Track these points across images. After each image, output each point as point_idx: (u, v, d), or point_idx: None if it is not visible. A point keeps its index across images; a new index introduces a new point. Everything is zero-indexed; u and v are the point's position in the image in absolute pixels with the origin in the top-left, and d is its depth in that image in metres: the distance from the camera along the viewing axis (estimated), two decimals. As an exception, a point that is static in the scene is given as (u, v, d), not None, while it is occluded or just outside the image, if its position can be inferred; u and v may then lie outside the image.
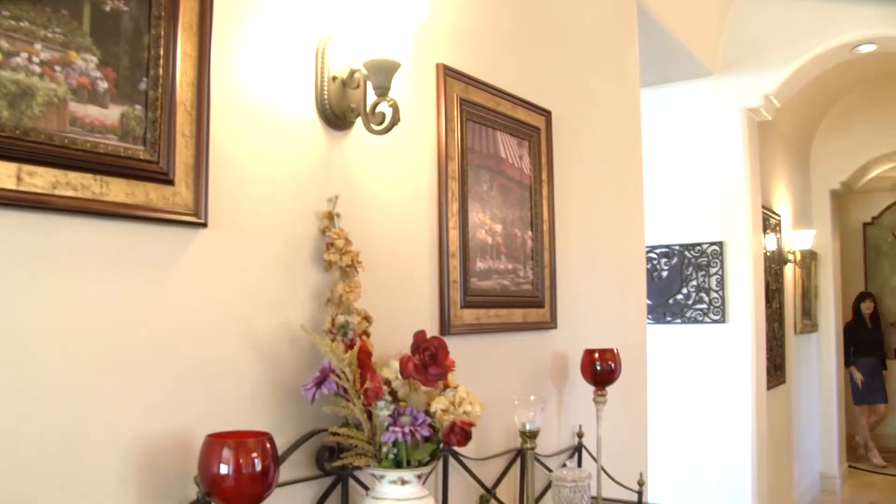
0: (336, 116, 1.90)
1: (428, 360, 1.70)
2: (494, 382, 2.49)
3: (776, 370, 6.16)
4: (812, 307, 7.61)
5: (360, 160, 2.00)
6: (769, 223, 6.07)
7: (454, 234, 2.25)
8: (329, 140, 1.92)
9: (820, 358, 7.78)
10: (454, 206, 2.25)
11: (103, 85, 1.40)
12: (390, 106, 1.83)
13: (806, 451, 7.30)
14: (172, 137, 1.49)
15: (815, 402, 7.64)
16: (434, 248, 2.23)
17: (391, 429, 1.68)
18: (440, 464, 2.22)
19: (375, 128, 1.87)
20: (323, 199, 1.87)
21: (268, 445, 1.38)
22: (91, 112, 1.38)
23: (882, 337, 8.99)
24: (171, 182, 1.50)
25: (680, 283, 5.03)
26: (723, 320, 4.89)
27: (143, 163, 1.45)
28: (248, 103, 1.72)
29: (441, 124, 2.26)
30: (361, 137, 1.99)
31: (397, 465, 1.73)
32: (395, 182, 2.12)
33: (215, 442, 1.35)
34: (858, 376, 8.70)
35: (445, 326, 2.22)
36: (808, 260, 7.35)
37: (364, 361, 1.74)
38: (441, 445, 1.78)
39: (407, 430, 1.68)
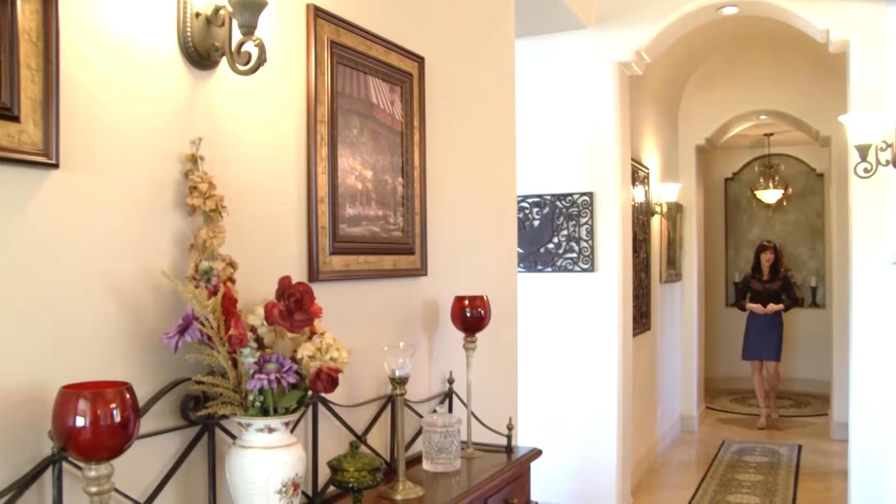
0: (199, 55, 1.83)
1: (293, 306, 1.68)
2: (365, 329, 2.49)
3: (642, 317, 6.43)
4: (676, 257, 7.95)
5: (225, 101, 1.94)
6: (638, 175, 6.27)
7: (323, 180, 2.22)
8: (192, 79, 1.84)
9: (683, 306, 8.16)
10: (323, 151, 2.22)
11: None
12: (256, 45, 1.77)
13: (668, 394, 7.68)
14: (15, 70, 1.40)
15: (677, 347, 8.03)
16: (302, 194, 2.20)
17: (257, 376, 1.66)
18: (309, 411, 2.22)
19: (241, 68, 1.80)
20: (186, 141, 1.80)
21: (127, 396, 1.34)
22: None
23: (783, 290, 8.34)
24: (16, 119, 1.40)
25: (551, 232, 5.14)
26: (592, 269, 5.04)
27: (-19, 97, 1.36)
28: (105, 36, 1.63)
29: (310, 67, 2.21)
30: (227, 78, 1.92)
31: (264, 412, 1.71)
32: (262, 125, 2.06)
33: (70, 393, 1.30)
34: (758, 306, 8.29)
35: (314, 273, 2.20)
36: (674, 212, 7.65)
37: (228, 308, 1.70)
38: (308, 392, 1.78)
39: (273, 377, 1.66)
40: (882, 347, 4.37)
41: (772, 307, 8.21)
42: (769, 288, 8.34)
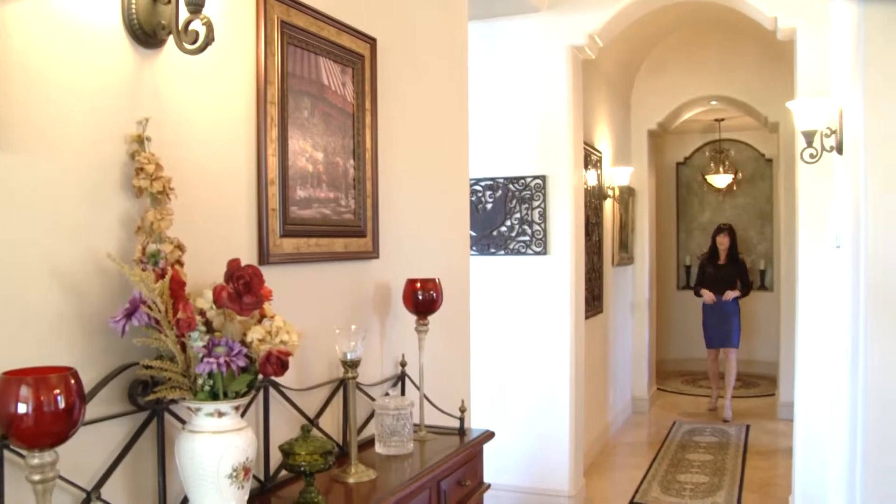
0: (145, 33, 1.79)
1: (242, 288, 1.67)
2: (316, 312, 2.48)
3: (594, 300, 6.49)
4: (629, 241, 8.03)
5: (172, 81, 1.90)
6: (590, 159, 6.31)
7: (273, 162, 2.19)
8: (138, 58, 1.81)
9: (635, 289, 8.26)
10: (273, 133, 2.19)
11: None
12: (204, 24, 1.73)
13: (620, 376, 7.78)
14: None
15: (629, 330, 8.13)
16: (252, 176, 2.17)
17: (206, 360, 1.65)
18: (260, 395, 2.20)
19: (188, 47, 1.77)
20: (132, 121, 1.77)
21: (72, 381, 1.32)
22: None
23: (740, 274, 8.00)
24: (-51, 95, 1.37)
25: (504, 215, 5.16)
26: (544, 252, 5.07)
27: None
28: (45, 9, 1.58)
29: (260, 47, 2.18)
30: (174, 57, 1.89)
31: (214, 397, 1.70)
32: (210, 106, 2.03)
33: (11, 379, 1.28)
34: (709, 296, 7.93)
35: (264, 256, 2.18)
36: (626, 196, 7.73)
37: (176, 291, 1.68)
38: (258, 376, 1.77)
39: (222, 360, 1.65)
40: (826, 329, 4.47)
41: (729, 294, 7.87)
42: (724, 273, 7.97)
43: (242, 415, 1.87)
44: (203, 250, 1.95)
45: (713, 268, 8.08)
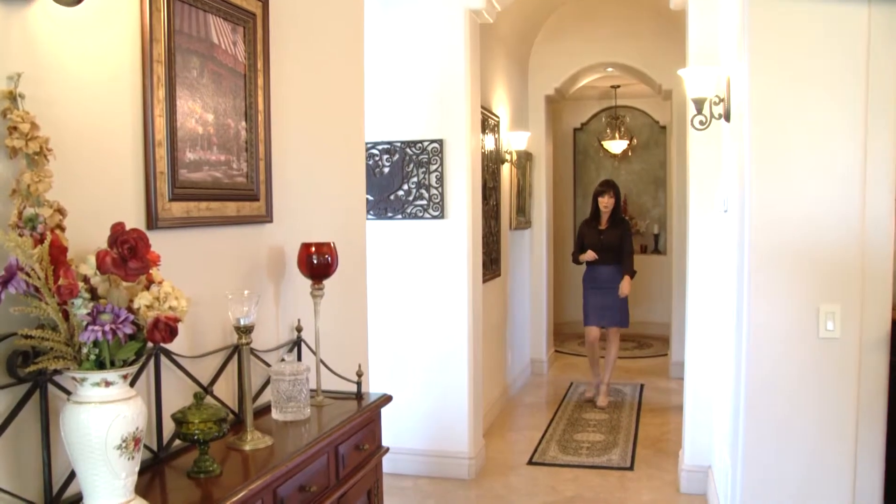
0: (15, -17, 1.70)
1: (127, 253, 1.62)
2: (208, 278, 2.44)
3: (492, 264, 6.57)
4: (526, 205, 8.15)
5: (48, 35, 1.81)
6: (488, 123, 6.35)
7: (160, 123, 2.12)
8: (5, 9, 1.70)
9: (532, 253, 8.39)
10: (160, 93, 2.12)
11: None
12: (81, -25, 1.66)
13: (518, 339, 7.93)
14: None
15: (527, 293, 8.27)
16: (138, 137, 2.10)
17: (90, 328, 1.60)
18: (151, 363, 2.15)
19: (63, -1, 1.69)
20: (2, 77, 1.68)
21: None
22: None
23: (622, 240, 6.91)
24: None
25: (401, 179, 5.15)
26: (442, 216, 5.09)
27: None
28: None
29: (145, 2, 2.10)
30: (48, 10, 1.79)
31: (100, 366, 1.65)
32: (91, 63, 1.95)
33: None
34: (590, 255, 6.93)
35: (153, 220, 2.12)
36: (524, 160, 7.82)
37: (57, 257, 1.62)
38: (147, 343, 1.72)
39: (108, 328, 1.60)
40: (714, 291, 4.66)
41: (625, 288, 6.85)
42: (605, 239, 6.96)
43: (132, 384, 1.83)
44: (86, 214, 1.88)
45: (594, 232, 7.03)
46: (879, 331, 3.16)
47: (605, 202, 6.97)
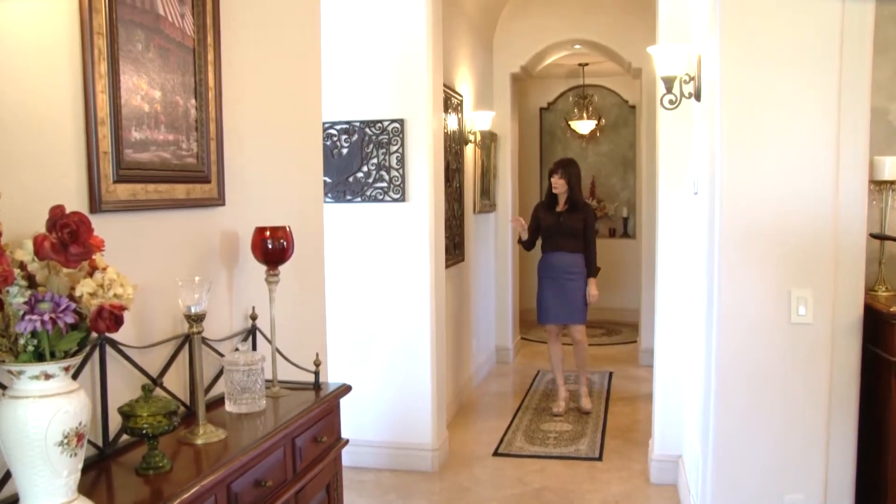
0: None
1: (67, 238, 1.58)
2: (157, 264, 2.40)
3: (455, 248, 6.56)
4: (491, 187, 8.15)
5: (-22, 7, 1.76)
6: (451, 103, 6.32)
7: (103, 99, 2.07)
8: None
9: (497, 237, 8.40)
10: (102, 67, 2.07)
11: None
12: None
13: (483, 326, 7.94)
14: None
15: (492, 279, 8.28)
16: (79, 115, 2.05)
17: (28, 317, 1.56)
18: (96, 354, 2.12)
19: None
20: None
21: None
22: None
23: (585, 226, 6.34)
24: None
25: (360, 160, 5.11)
26: (403, 199, 5.06)
27: None
28: None
29: (83, -30, 2.04)
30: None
31: (39, 358, 1.61)
32: (25, 36, 1.89)
33: None
34: (517, 223, 6.52)
35: (96, 203, 2.07)
36: (488, 141, 7.81)
37: (-10, 242, 1.58)
38: (91, 333, 1.69)
39: (47, 317, 1.57)
40: (684, 276, 4.70)
41: (593, 293, 6.37)
42: (565, 223, 6.35)
43: (75, 376, 1.79)
44: (23, 197, 1.83)
45: (551, 216, 6.44)
46: (852, 316, 3.22)
47: (555, 182, 6.39)
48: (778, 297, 3.20)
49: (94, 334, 1.70)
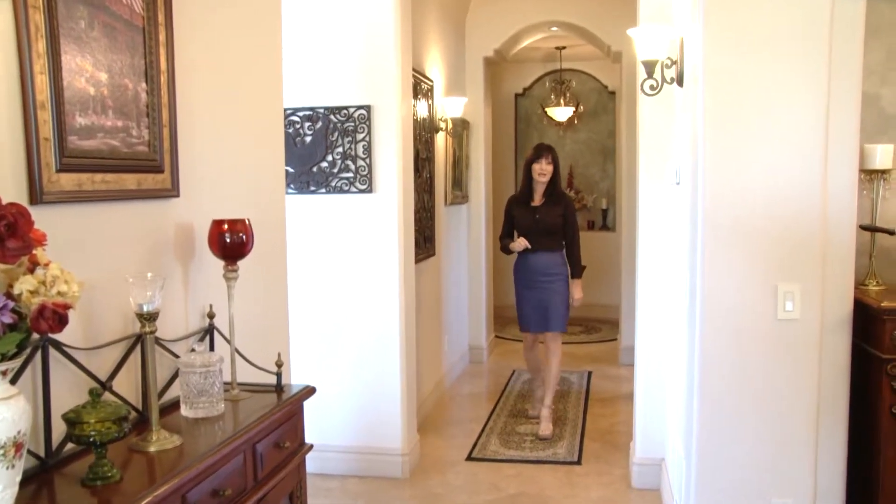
0: None
1: (4, 231, 1.54)
2: (105, 259, 2.35)
3: (426, 242, 6.54)
4: (463, 178, 8.13)
5: None
6: (420, 88, 6.30)
7: (42, 81, 2.02)
8: None
9: (470, 230, 8.39)
10: (40, 46, 2.01)
11: None
12: None
13: (455, 324, 7.93)
14: None
15: (464, 274, 8.27)
16: (15, 98, 1.99)
17: (-39, 317, 1.52)
18: (38, 356, 2.07)
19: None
20: None
21: None
22: None
23: (565, 221, 5.99)
24: None
25: (325, 149, 5.07)
26: (370, 190, 5.03)
27: None
28: None
29: (18, -63, 1.99)
30: None
31: (-26, 361, 1.58)
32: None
33: None
34: (520, 243, 5.96)
35: (37, 194, 2.02)
36: (460, 129, 7.79)
37: (-80, 236, 1.53)
38: (32, 334, 1.65)
39: (-18, 317, 1.53)
40: (666, 270, 4.70)
41: (577, 295, 6.07)
42: (542, 219, 5.98)
43: (13, 381, 1.74)
44: (-43, 187, 1.79)
45: (527, 212, 6.06)
46: (841, 311, 3.23)
47: (542, 169, 5.93)
48: (764, 292, 3.21)
49: (36, 335, 1.67)
